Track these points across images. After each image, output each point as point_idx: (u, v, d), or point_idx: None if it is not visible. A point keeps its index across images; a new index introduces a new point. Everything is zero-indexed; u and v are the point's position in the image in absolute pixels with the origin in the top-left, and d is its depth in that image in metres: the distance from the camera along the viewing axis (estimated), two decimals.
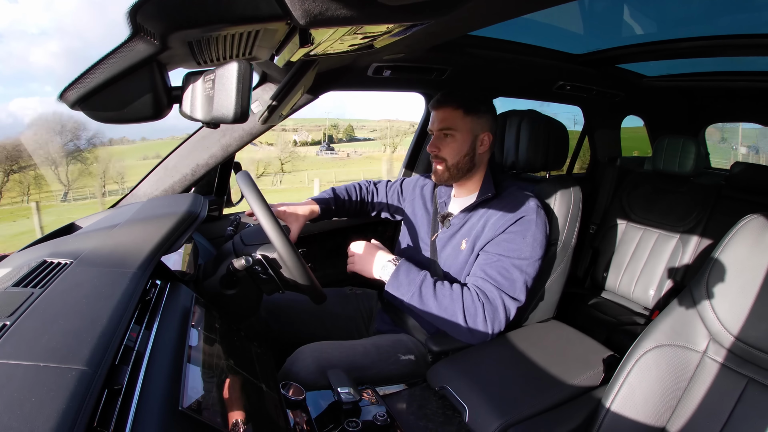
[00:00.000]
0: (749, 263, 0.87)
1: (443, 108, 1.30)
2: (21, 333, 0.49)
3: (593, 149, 2.74)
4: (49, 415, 0.38)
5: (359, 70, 1.48)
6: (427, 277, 1.22)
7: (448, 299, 1.17)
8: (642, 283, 2.16)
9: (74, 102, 0.56)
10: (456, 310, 1.16)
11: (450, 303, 1.17)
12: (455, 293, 1.18)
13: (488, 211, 1.29)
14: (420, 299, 1.19)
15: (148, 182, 1.37)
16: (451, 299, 1.17)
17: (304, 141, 35.53)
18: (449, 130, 1.29)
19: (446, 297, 1.18)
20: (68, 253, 0.76)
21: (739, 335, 0.85)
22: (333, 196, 1.56)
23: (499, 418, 0.99)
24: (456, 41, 1.53)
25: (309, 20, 0.53)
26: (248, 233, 1.10)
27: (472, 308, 1.16)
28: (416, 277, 1.22)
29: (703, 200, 2.10)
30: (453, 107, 1.28)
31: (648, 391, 0.93)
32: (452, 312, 1.16)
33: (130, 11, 0.47)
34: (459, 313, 1.16)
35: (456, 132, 1.28)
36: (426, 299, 1.19)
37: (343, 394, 0.91)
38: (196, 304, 0.77)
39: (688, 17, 1.57)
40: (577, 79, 2.06)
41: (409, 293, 1.20)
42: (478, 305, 1.16)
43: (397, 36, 0.86)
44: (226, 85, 0.55)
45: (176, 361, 0.58)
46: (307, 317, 1.45)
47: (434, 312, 1.18)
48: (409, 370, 1.26)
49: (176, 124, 19.08)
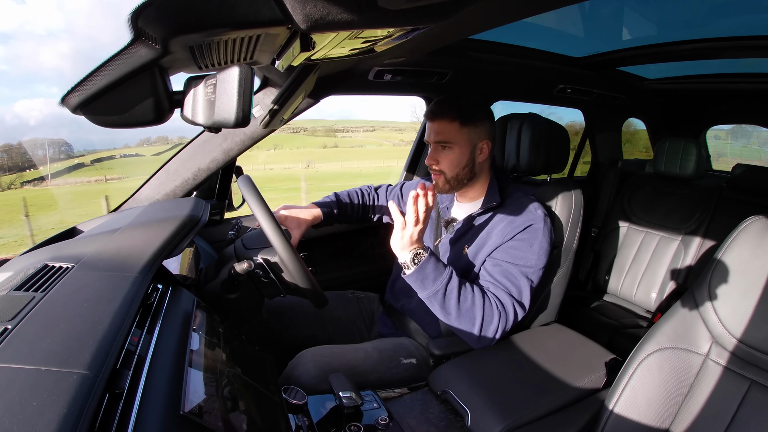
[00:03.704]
0: (752, 265, 0.87)
1: (438, 120, 1.26)
2: (22, 337, 0.49)
3: (594, 152, 2.74)
4: (51, 420, 0.38)
5: (360, 74, 1.48)
6: (453, 275, 1.15)
7: (470, 303, 1.14)
8: (644, 285, 2.16)
9: (76, 106, 0.57)
10: (476, 315, 1.14)
11: (471, 307, 1.14)
12: (477, 298, 1.15)
13: (494, 218, 1.28)
14: (443, 298, 1.13)
15: (150, 186, 1.37)
16: (472, 302, 1.14)
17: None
18: (446, 142, 1.25)
19: (468, 300, 1.14)
20: (70, 257, 0.76)
21: (742, 338, 0.85)
22: (336, 201, 1.55)
23: (502, 422, 0.99)
24: (457, 45, 1.53)
25: (310, 24, 0.54)
26: (250, 237, 1.10)
27: (490, 315, 1.15)
28: (443, 273, 1.14)
29: (704, 202, 2.09)
30: (449, 120, 1.24)
31: (651, 394, 0.92)
32: (471, 316, 1.14)
33: (132, 16, 0.47)
34: (478, 318, 1.14)
35: (453, 144, 1.25)
36: (449, 296, 1.13)
37: (344, 398, 0.91)
38: (198, 308, 0.77)
39: (689, 20, 1.58)
40: (578, 83, 2.07)
41: (434, 288, 1.13)
42: (495, 313, 1.15)
43: (398, 40, 0.86)
44: (227, 89, 0.55)
45: (177, 365, 0.58)
46: (308, 321, 1.45)
47: (452, 313, 1.14)
48: (410, 374, 1.26)
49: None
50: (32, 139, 26.44)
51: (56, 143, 21.33)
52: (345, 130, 39.14)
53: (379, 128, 39.24)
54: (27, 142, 23.77)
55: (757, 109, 2.64)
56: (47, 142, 20.97)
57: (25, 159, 20.72)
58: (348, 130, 39.38)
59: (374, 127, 39.91)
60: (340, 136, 37.13)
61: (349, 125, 40.69)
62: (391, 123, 39.48)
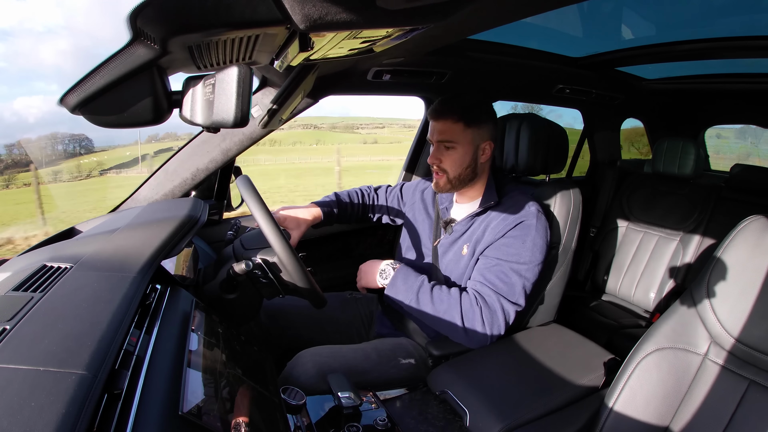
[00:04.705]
0: (750, 265, 0.87)
1: (443, 120, 1.25)
2: (21, 337, 0.49)
3: (593, 152, 2.74)
4: (49, 420, 0.38)
5: (359, 74, 1.48)
6: (424, 282, 1.22)
7: (446, 303, 1.18)
8: (643, 285, 2.16)
9: (74, 106, 0.56)
10: (454, 314, 1.16)
11: (447, 307, 1.17)
12: (453, 297, 1.18)
13: (489, 216, 1.28)
14: (417, 303, 1.20)
15: (148, 186, 1.37)
16: (448, 303, 1.18)
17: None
18: (450, 142, 1.25)
19: (443, 301, 1.18)
20: (68, 257, 0.76)
21: (740, 337, 0.85)
22: (336, 200, 1.55)
23: (500, 422, 0.99)
24: (455, 45, 1.53)
25: (309, 24, 0.54)
26: (248, 237, 1.10)
27: (470, 312, 1.16)
28: (414, 282, 1.22)
29: (703, 202, 2.10)
30: (453, 120, 1.23)
31: (649, 394, 0.92)
32: (450, 316, 1.17)
33: (130, 16, 0.47)
34: (457, 316, 1.16)
35: (457, 144, 1.24)
36: (423, 303, 1.19)
37: (343, 399, 0.91)
38: (196, 309, 0.77)
39: (687, 20, 1.58)
40: (577, 83, 2.07)
41: (407, 298, 1.21)
42: (475, 309, 1.16)
43: (397, 40, 0.86)
44: (226, 89, 0.55)
45: (176, 365, 0.58)
46: (307, 321, 1.45)
47: (432, 315, 1.18)
48: (409, 374, 1.26)
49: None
50: (53, 133, 26.51)
51: (77, 138, 21.57)
52: (360, 127, 38.98)
53: (388, 125, 39.09)
54: (51, 136, 23.90)
55: (756, 110, 2.65)
56: (69, 137, 21.17)
57: (88, 149, 21.01)
58: (358, 126, 39.25)
59: (383, 124, 39.73)
60: (365, 133, 36.99)
61: (357, 122, 40.56)
62: (400, 120, 39.34)
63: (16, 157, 15.55)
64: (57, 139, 21.82)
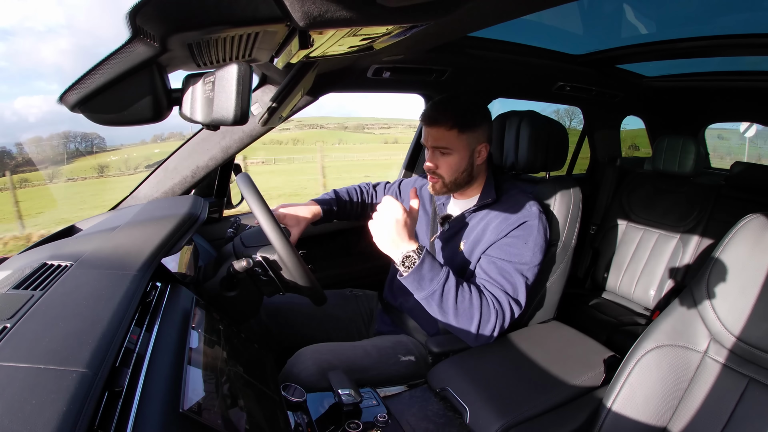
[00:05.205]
0: (750, 263, 0.87)
1: (436, 127, 1.23)
2: (21, 335, 0.49)
3: (593, 149, 2.74)
4: (50, 418, 0.38)
5: (359, 71, 1.48)
6: (450, 275, 1.13)
7: (468, 302, 1.12)
8: (642, 283, 2.16)
9: (74, 104, 0.56)
10: (473, 315, 1.13)
11: (468, 307, 1.12)
12: (474, 297, 1.13)
13: (489, 214, 1.28)
14: (441, 298, 1.11)
15: (148, 184, 1.37)
16: (470, 303, 1.13)
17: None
18: (445, 149, 1.24)
19: (465, 300, 1.12)
20: (68, 255, 0.76)
21: (740, 335, 0.85)
22: (335, 198, 1.55)
23: (500, 419, 0.99)
24: (455, 42, 1.53)
25: (308, 22, 0.53)
26: (248, 235, 1.10)
27: (487, 314, 1.14)
28: (440, 273, 1.11)
29: (703, 200, 2.09)
30: (447, 127, 1.21)
31: (649, 391, 0.92)
32: (469, 315, 1.12)
33: (130, 13, 0.47)
34: (476, 318, 1.13)
35: (452, 150, 1.23)
36: (446, 299, 1.11)
37: (343, 396, 0.91)
38: (197, 306, 0.77)
39: (687, 17, 1.57)
40: (577, 80, 2.06)
41: (430, 289, 1.10)
42: (492, 313, 1.14)
43: (397, 37, 0.86)
44: (226, 87, 0.55)
45: (177, 363, 0.58)
46: (307, 319, 1.45)
47: (450, 312, 1.12)
48: (409, 371, 1.26)
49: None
50: (65, 131, 26.54)
51: (90, 136, 21.70)
52: (368, 127, 38.92)
53: (393, 125, 38.96)
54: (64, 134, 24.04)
55: (756, 107, 2.64)
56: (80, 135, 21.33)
57: (100, 147, 21.16)
58: (365, 127, 39.18)
59: (389, 124, 39.58)
60: (378, 133, 36.95)
61: (363, 123, 40.43)
62: (405, 120, 39.19)
63: (26, 155, 15.68)
64: (69, 137, 21.95)
